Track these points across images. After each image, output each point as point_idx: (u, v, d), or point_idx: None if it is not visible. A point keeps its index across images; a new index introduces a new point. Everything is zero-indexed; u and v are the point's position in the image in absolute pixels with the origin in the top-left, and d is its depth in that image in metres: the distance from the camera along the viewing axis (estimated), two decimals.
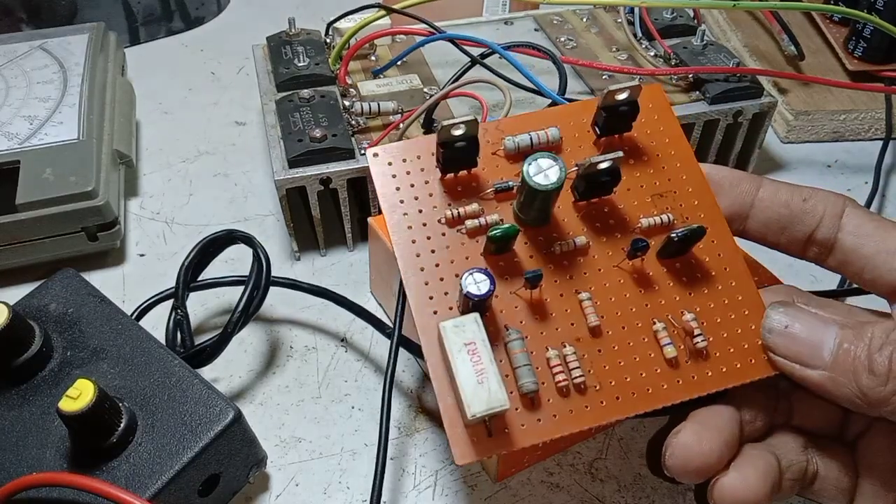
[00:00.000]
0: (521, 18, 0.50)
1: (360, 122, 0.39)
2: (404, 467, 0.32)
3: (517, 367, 0.24)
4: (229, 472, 0.29)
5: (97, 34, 0.47)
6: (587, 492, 0.31)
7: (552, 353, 0.24)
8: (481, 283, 0.23)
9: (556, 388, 0.24)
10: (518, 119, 0.28)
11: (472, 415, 0.22)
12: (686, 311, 0.25)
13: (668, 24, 0.46)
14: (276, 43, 0.44)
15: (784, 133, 0.49)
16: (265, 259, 0.32)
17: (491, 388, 0.22)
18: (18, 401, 0.28)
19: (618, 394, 0.24)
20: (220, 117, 0.50)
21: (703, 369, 0.24)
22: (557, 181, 0.23)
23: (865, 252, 0.24)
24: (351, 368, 0.35)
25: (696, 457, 0.23)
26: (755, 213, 0.26)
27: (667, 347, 0.24)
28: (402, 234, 0.26)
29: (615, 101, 0.26)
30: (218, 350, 0.31)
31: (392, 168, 0.27)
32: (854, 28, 0.49)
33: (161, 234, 0.42)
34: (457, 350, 0.22)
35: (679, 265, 0.26)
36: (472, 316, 0.23)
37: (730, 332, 0.25)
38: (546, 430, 0.23)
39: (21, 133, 0.40)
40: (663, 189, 0.27)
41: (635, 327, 0.25)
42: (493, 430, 0.23)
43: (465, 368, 0.22)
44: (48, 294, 0.31)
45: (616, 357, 0.24)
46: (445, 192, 0.26)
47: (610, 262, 0.26)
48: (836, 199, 0.25)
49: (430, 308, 0.25)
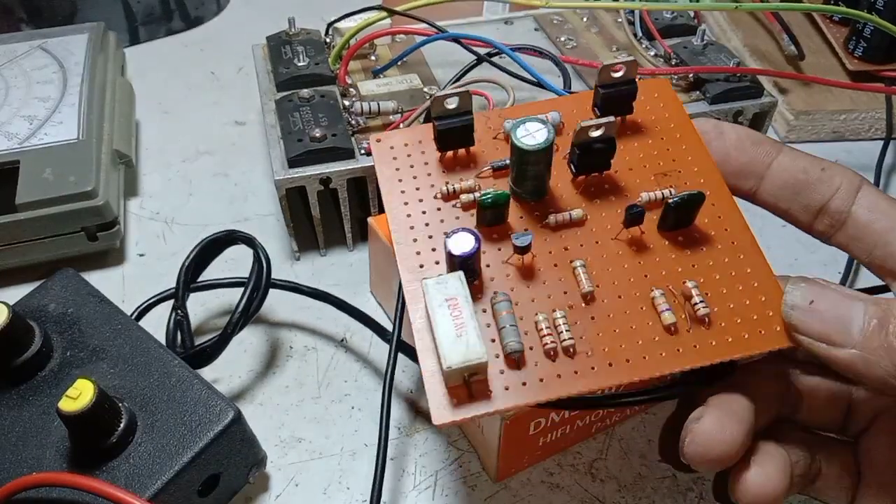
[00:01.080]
0: (521, 18, 0.50)
1: (360, 122, 0.39)
2: (404, 467, 0.32)
3: (502, 328, 0.23)
4: (229, 472, 0.29)
5: (97, 34, 0.47)
6: (587, 492, 0.31)
7: (541, 317, 0.23)
8: (465, 241, 0.23)
9: (544, 351, 0.23)
10: (520, 108, 0.28)
11: (447, 366, 0.21)
12: (688, 280, 0.24)
13: (669, 24, 0.46)
14: (276, 43, 0.44)
15: (784, 133, 0.49)
16: (265, 260, 0.32)
17: (469, 340, 0.21)
18: (18, 401, 0.28)
19: (611, 360, 0.23)
20: (219, 117, 0.50)
21: (705, 338, 0.23)
22: (545, 142, 0.23)
23: (878, 227, 0.24)
24: (351, 368, 0.35)
25: (717, 444, 0.22)
26: (771, 173, 0.25)
27: (665, 314, 0.23)
28: (398, 210, 0.26)
29: (611, 79, 0.26)
30: (218, 350, 0.31)
31: (393, 151, 0.27)
32: (854, 28, 0.49)
33: (161, 234, 0.42)
34: (437, 305, 0.22)
35: (682, 238, 0.25)
36: (456, 273, 0.23)
37: (737, 302, 0.24)
38: (531, 393, 0.22)
39: (21, 133, 0.40)
40: (667, 168, 0.26)
41: (633, 297, 0.24)
42: (475, 391, 0.22)
43: (444, 322, 0.22)
44: (48, 294, 0.31)
45: (611, 325, 0.23)
46: (443, 170, 0.26)
47: (608, 234, 0.25)
48: (854, 175, 0.25)
49: (420, 275, 0.24)
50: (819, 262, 0.41)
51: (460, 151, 0.27)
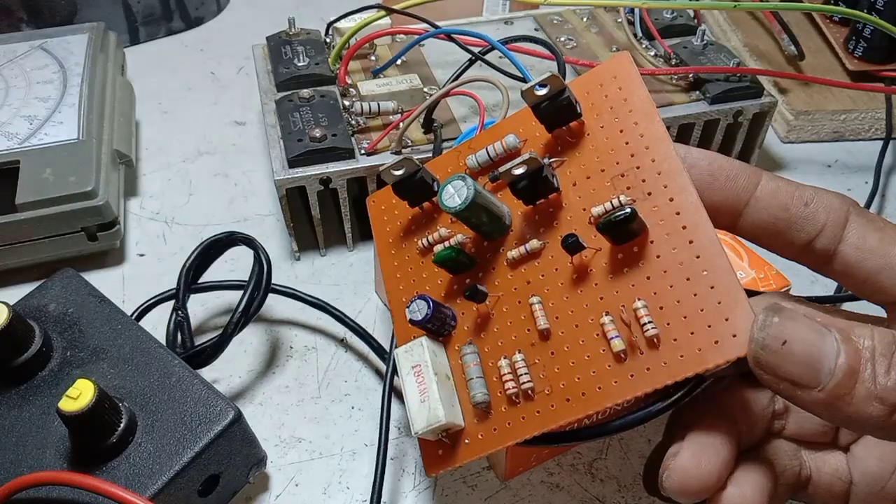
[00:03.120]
0: (521, 18, 0.50)
1: (359, 122, 0.39)
2: (404, 467, 0.32)
3: (469, 380, 0.24)
4: (229, 472, 0.29)
5: (97, 34, 0.47)
6: (587, 492, 0.31)
7: (503, 362, 0.24)
8: (420, 309, 0.25)
9: (506, 397, 0.24)
10: (483, 135, 0.28)
11: (415, 431, 0.24)
12: (639, 299, 0.23)
13: (669, 24, 0.46)
14: (276, 43, 0.44)
15: (784, 133, 0.49)
16: (266, 261, 0.32)
17: (431, 405, 0.24)
18: (18, 401, 0.28)
19: (568, 395, 0.23)
20: (220, 117, 0.50)
21: (657, 359, 0.22)
22: (463, 201, 0.24)
23: (868, 267, 0.22)
24: (351, 368, 0.35)
25: (693, 479, 0.22)
26: (750, 212, 0.23)
27: (614, 341, 0.22)
28: (391, 270, 0.28)
29: (537, 98, 0.25)
30: (218, 351, 0.31)
31: (385, 211, 0.29)
32: (854, 28, 0.49)
33: (161, 234, 0.42)
34: (405, 373, 0.25)
35: (637, 248, 0.23)
36: (420, 339, 0.25)
37: (690, 312, 0.22)
38: (500, 439, 0.24)
39: (21, 133, 0.40)
40: (625, 167, 0.24)
41: (587, 324, 0.23)
42: (454, 443, 0.24)
43: (411, 389, 0.24)
44: (48, 294, 0.31)
45: (567, 358, 0.23)
46: (423, 224, 0.28)
47: (566, 260, 0.24)
48: (840, 206, 0.23)
49: (412, 333, 0.26)
50: None
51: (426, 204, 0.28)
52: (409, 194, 0.27)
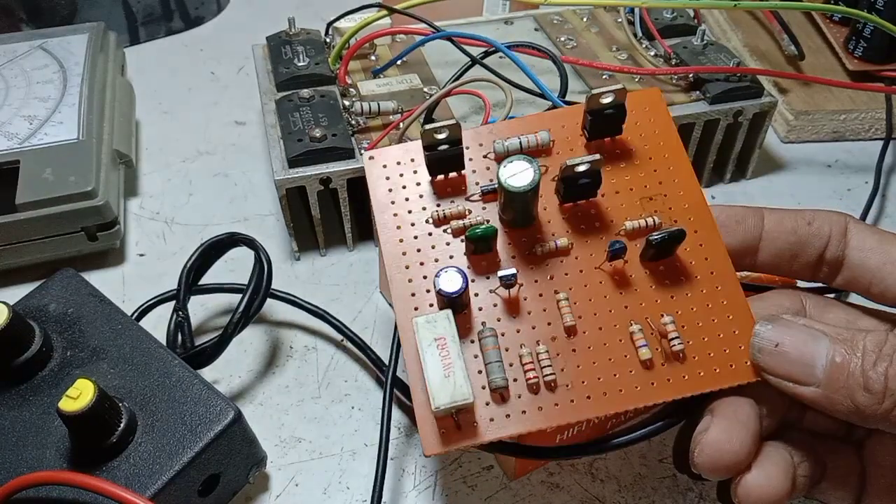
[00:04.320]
0: (521, 18, 0.50)
1: (360, 122, 0.39)
2: (404, 467, 0.32)
3: (488, 363, 0.24)
4: (229, 472, 0.29)
5: (97, 34, 0.47)
6: (587, 492, 0.31)
7: (525, 350, 0.24)
8: (453, 280, 0.24)
9: (527, 385, 0.24)
10: (511, 123, 0.28)
11: (436, 407, 0.22)
12: (665, 314, 0.25)
13: (669, 24, 0.46)
14: (276, 43, 0.44)
15: (784, 133, 0.49)
16: (267, 262, 0.32)
17: (456, 381, 0.22)
18: (18, 401, 0.28)
19: (589, 393, 0.24)
20: (220, 117, 0.50)
21: (679, 372, 0.24)
22: (530, 184, 0.24)
23: (871, 265, 0.25)
24: (351, 368, 0.35)
25: (726, 454, 0.23)
26: (765, 245, 0.26)
27: (642, 349, 0.24)
28: (390, 234, 0.26)
29: (600, 105, 0.26)
30: (218, 351, 0.31)
31: (386, 170, 0.27)
32: (854, 28, 0.49)
33: (161, 234, 0.42)
34: (427, 344, 0.23)
35: (663, 268, 0.26)
36: (445, 312, 0.24)
37: (710, 335, 0.25)
38: (513, 426, 0.23)
39: (21, 133, 0.40)
40: (653, 192, 0.27)
41: (612, 328, 0.25)
42: (462, 424, 0.23)
43: (433, 362, 0.23)
44: (48, 294, 0.31)
45: (590, 357, 0.24)
46: (435, 193, 0.27)
47: (591, 263, 0.26)
48: (839, 218, 0.26)
49: (412, 304, 0.25)
50: None
51: (451, 174, 0.27)
52: (438, 161, 0.26)
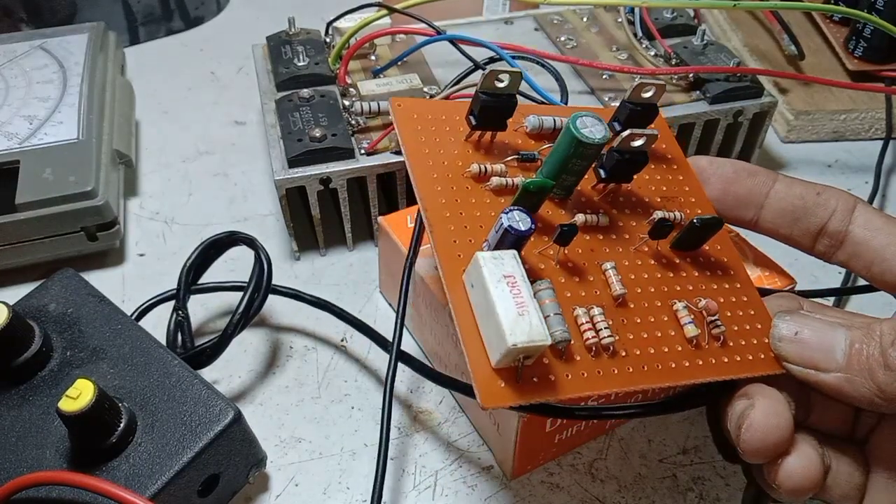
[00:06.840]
0: (521, 18, 0.50)
1: (359, 122, 0.39)
2: (404, 467, 0.32)
3: (547, 316, 0.22)
4: (229, 472, 0.29)
5: (97, 34, 0.47)
6: (587, 492, 0.31)
7: (580, 311, 0.23)
8: (522, 220, 0.22)
9: (585, 346, 0.23)
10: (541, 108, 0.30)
11: (512, 343, 0.20)
12: (701, 299, 0.25)
13: (669, 24, 0.46)
14: (275, 42, 0.44)
15: (784, 133, 0.49)
16: (267, 262, 0.32)
17: (532, 321, 0.21)
18: (18, 401, 0.28)
19: (644, 363, 0.24)
20: (219, 117, 0.50)
21: (720, 354, 0.25)
22: (602, 138, 0.24)
23: (875, 244, 0.25)
24: (351, 368, 0.35)
25: (774, 430, 0.23)
26: (770, 202, 0.27)
27: (687, 326, 0.25)
28: (429, 187, 0.25)
29: (640, 98, 0.27)
30: (218, 351, 0.31)
31: (417, 121, 0.26)
32: (854, 28, 0.49)
33: (161, 234, 0.42)
34: (496, 280, 0.21)
35: (689, 259, 0.26)
36: (511, 252, 0.22)
37: (740, 326, 0.25)
38: (576, 386, 0.22)
39: (21, 133, 0.40)
40: (670, 194, 0.28)
41: (655, 305, 0.25)
42: (523, 377, 0.21)
43: (503, 298, 0.21)
44: (48, 294, 0.31)
45: (639, 329, 0.24)
46: (472, 150, 0.26)
47: (628, 243, 0.26)
48: (849, 196, 0.26)
49: (455, 251, 0.23)
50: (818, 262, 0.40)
51: (486, 136, 0.27)
52: (488, 112, 0.25)
